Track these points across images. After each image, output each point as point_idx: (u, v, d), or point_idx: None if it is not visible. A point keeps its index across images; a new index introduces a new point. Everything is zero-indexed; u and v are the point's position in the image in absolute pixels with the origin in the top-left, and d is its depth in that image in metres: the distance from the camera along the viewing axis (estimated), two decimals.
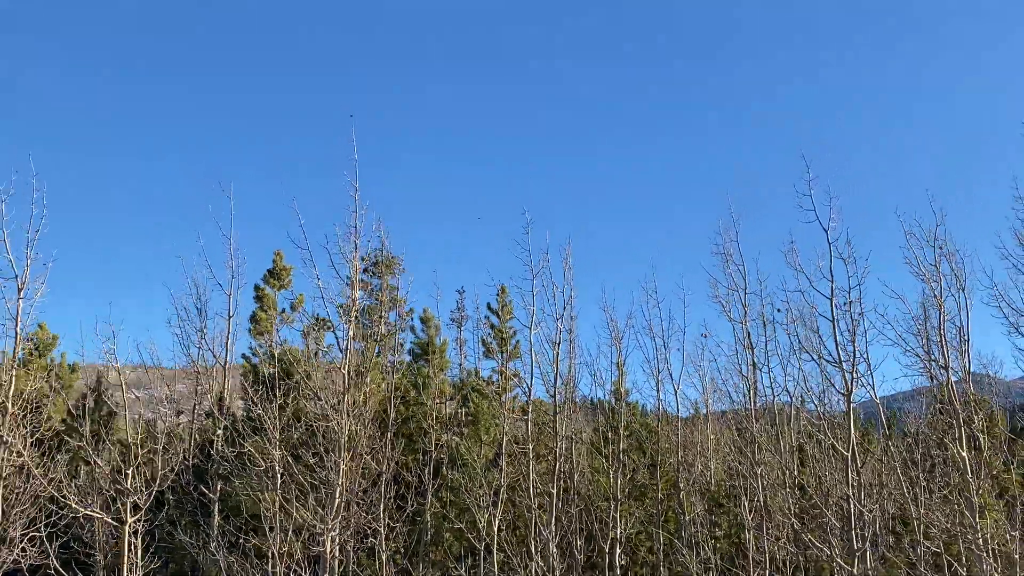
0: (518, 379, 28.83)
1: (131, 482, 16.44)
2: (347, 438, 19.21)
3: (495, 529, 22.22)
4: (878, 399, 19.64)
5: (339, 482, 18.81)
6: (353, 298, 21.08)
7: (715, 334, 54.74)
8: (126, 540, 16.45)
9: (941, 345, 19.09)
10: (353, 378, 20.19)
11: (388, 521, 22.17)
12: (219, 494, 23.39)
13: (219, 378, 27.23)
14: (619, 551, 24.95)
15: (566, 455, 25.59)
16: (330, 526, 18.69)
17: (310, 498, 18.90)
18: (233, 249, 26.68)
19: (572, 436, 26.17)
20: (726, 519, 26.82)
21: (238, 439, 21.48)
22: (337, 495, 18.84)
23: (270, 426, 19.84)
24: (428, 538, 24.67)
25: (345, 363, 20.36)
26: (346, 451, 19.16)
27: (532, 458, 23.84)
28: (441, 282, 41.22)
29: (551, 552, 22.11)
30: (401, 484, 24.23)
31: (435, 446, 25.25)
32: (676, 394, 28.03)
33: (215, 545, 20.13)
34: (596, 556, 25.06)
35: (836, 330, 19.46)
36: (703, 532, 24.66)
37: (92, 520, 19.36)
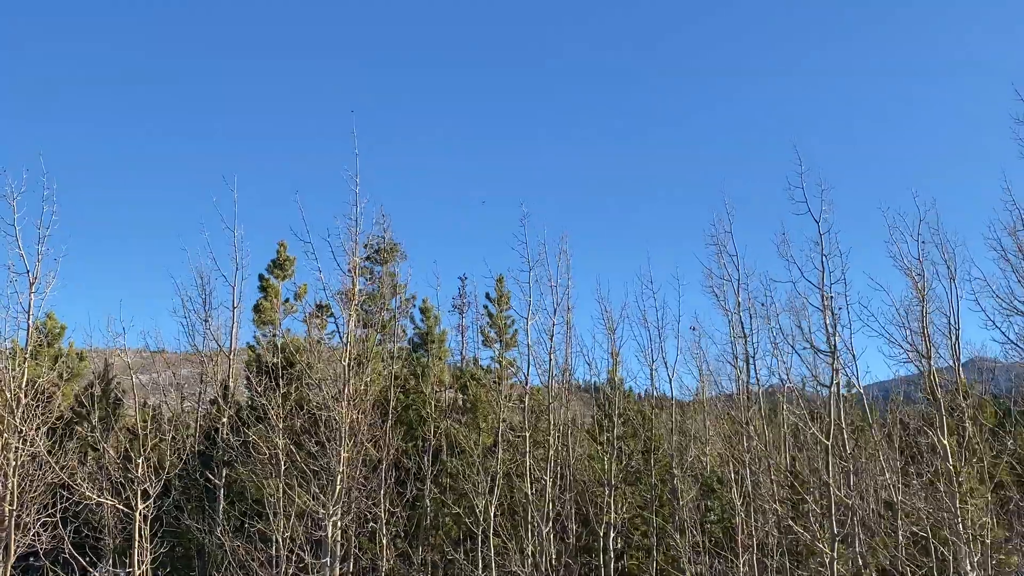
0: (515, 368, 29.40)
1: (140, 470, 17.03)
2: (348, 426, 19.81)
3: (491, 514, 22.83)
4: (862, 388, 20.20)
5: (340, 469, 19.45)
6: (353, 292, 21.62)
7: (709, 322, 55.40)
8: (138, 527, 17.01)
9: (924, 336, 19.63)
10: (354, 367, 20.76)
11: (388, 506, 22.85)
12: (224, 480, 24.04)
13: (223, 366, 27.82)
14: (613, 535, 25.58)
15: (562, 442, 26.17)
16: (332, 511, 19.35)
17: (312, 484, 19.54)
18: (237, 241, 27.27)
19: (567, 424, 26.74)
20: (719, 504, 27.41)
21: (242, 427, 22.10)
22: (339, 481, 19.49)
23: (273, 414, 20.44)
24: (427, 523, 25.34)
25: (346, 353, 20.92)
26: (347, 439, 19.77)
27: (529, 445, 24.44)
28: (441, 271, 41.72)
29: (546, 536, 22.75)
30: (401, 470, 24.90)
31: (434, 433, 25.87)
32: (671, 381, 28.55)
33: (221, 530, 20.75)
34: (591, 540, 25.69)
35: (827, 321, 20.07)
36: (695, 517, 25.25)
37: (102, 506, 19.93)
